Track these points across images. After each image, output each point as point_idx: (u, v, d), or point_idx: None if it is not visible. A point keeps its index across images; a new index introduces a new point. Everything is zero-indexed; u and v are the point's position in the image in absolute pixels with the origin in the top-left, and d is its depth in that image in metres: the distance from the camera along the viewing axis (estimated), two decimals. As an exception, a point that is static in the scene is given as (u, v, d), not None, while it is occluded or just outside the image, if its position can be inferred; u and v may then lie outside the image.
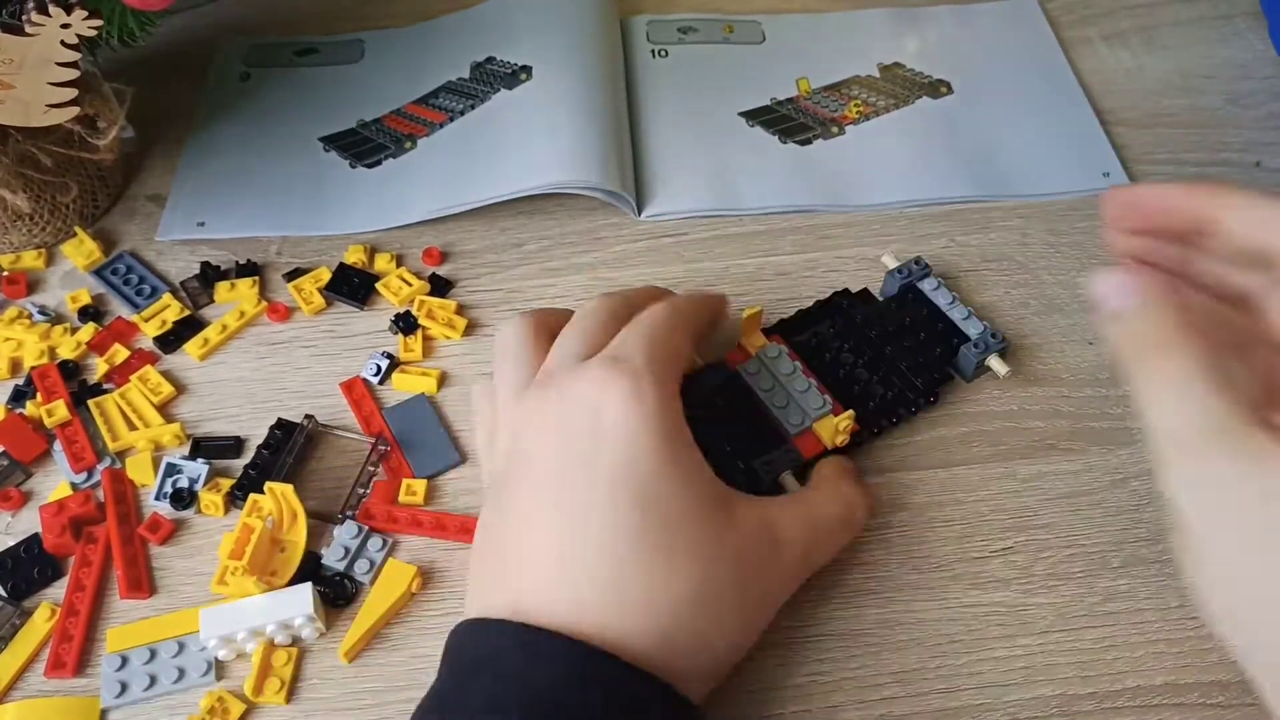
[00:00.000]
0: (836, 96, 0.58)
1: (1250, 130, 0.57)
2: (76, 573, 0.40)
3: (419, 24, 0.62)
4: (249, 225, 0.52)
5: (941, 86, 0.59)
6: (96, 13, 0.45)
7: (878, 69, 0.60)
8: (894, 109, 0.58)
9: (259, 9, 0.64)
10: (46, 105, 0.44)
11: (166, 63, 0.60)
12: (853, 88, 0.59)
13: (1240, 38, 0.62)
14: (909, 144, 0.56)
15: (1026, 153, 0.55)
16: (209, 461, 0.43)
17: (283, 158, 0.55)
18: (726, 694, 0.37)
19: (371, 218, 0.52)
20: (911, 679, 0.37)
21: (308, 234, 0.51)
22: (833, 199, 0.53)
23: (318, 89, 0.59)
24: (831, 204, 0.53)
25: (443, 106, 0.57)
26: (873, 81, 0.59)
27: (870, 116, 0.57)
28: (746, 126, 0.56)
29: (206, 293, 0.49)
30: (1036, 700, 0.37)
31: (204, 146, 0.56)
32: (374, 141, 0.56)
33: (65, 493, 0.42)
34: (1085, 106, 0.57)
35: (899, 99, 0.58)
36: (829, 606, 0.39)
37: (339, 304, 0.49)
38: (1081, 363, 0.46)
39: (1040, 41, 0.61)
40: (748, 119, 0.57)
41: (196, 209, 0.53)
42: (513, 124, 0.54)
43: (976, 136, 0.56)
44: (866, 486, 0.41)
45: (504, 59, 0.58)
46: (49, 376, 0.45)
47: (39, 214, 0.50)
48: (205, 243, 0.51)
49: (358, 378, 0.46)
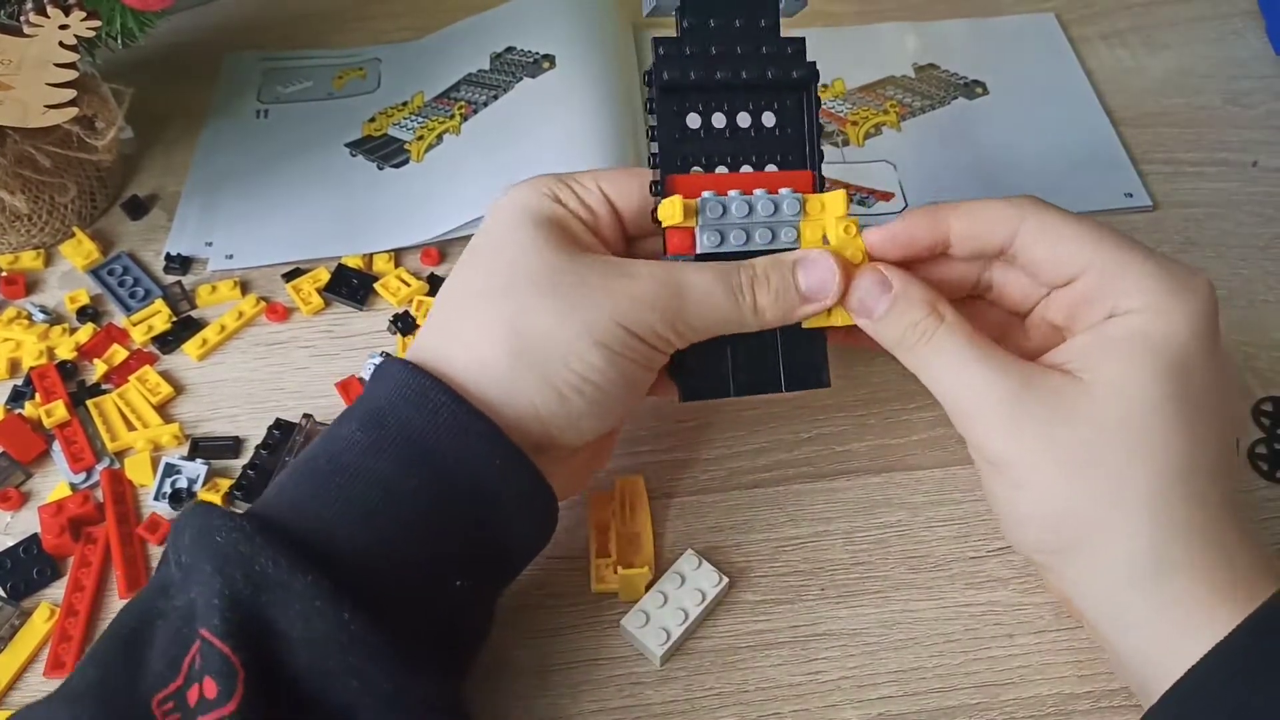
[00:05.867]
0: (873, 97, 0.59)
1: (1248, 129, 0.57)
2: (75, 573, 0.40)
3: (430, 36, 0.62)
4: (278, 253, 0.51)
5: (977, 88, 0.59)
6: (95, 13, 0.45)
7: (913, 68, 0.61)
8: (930, 109, 0.58)
9: (260, 9, 0.65)
10: (45, 106, 0.44)
11: (166, 63, 0.60)
12: (887, 88, 0.59)
13: (1238, 37, 0.62)
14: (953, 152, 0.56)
15: (1049, 171, 0.55)
16: (208, 462, 0.43)
17: (306, 185, 0.54)
18: (726, 694, 0.37)
19: (403, 232, 0.51)
20: (909, 678, 0.37)
21: (338, 254, 0.51)
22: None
23: (337, 115, 0.58)
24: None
25: (465, 98, 0.57)
26: (909, 82, 0.60)
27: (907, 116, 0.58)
28: None
29: (187, 297, 0.49)
30: (1033, 699, 0.37)
31: (216, 176, 0.55)
32: (399, 142, 0.56)
33: (64, 493, 0.42)
34: (1107, 124, 0.57)
35: (936, 100, 0.59)
36: (827, 606, 0.39)
37: (338, 304, 0.49)
38: (1079, 362, 0.46)
39: (1060, 58, 0.61)
40: None
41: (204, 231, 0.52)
42: (540, 114, 0.54)
43: (1000, 153, 0.56)
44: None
45: (525, 48, 0.58)
46: (48, 377, 0.45)
47: (37, 214, 0.50)
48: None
49: (354, 377, 0.46)
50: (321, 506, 0.31)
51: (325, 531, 0.31)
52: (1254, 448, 0.44)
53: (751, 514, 0.42)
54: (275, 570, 0.29)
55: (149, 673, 0.29)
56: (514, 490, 0.33)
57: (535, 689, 0.37)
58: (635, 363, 0.34)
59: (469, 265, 0.36)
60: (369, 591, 0.30)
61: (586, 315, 0.33)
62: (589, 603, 0.39)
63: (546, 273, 0.34)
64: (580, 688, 0.37)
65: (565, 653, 0.38)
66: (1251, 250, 0.51)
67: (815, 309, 0.35)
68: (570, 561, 0.40)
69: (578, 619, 0.39)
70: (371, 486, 0.31)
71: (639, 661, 0.38)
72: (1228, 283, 0.50)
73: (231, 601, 0.29)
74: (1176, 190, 0.54)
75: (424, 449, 0.32)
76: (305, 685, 0.29)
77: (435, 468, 0.32)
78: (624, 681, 0.37)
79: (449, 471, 0.32)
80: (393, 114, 0.57)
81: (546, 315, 0.33)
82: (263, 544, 0.29)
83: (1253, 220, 0.53)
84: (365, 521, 0.31)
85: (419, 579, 0.32)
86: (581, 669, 0.38)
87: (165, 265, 0.50)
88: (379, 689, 0.29)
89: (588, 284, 0.34)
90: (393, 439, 0.32)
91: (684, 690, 0.37)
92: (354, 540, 0.31)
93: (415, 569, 0.32)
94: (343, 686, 0.29)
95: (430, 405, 0.32)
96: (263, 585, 0.29)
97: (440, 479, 0.32)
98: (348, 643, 0.29)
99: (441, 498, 0.32)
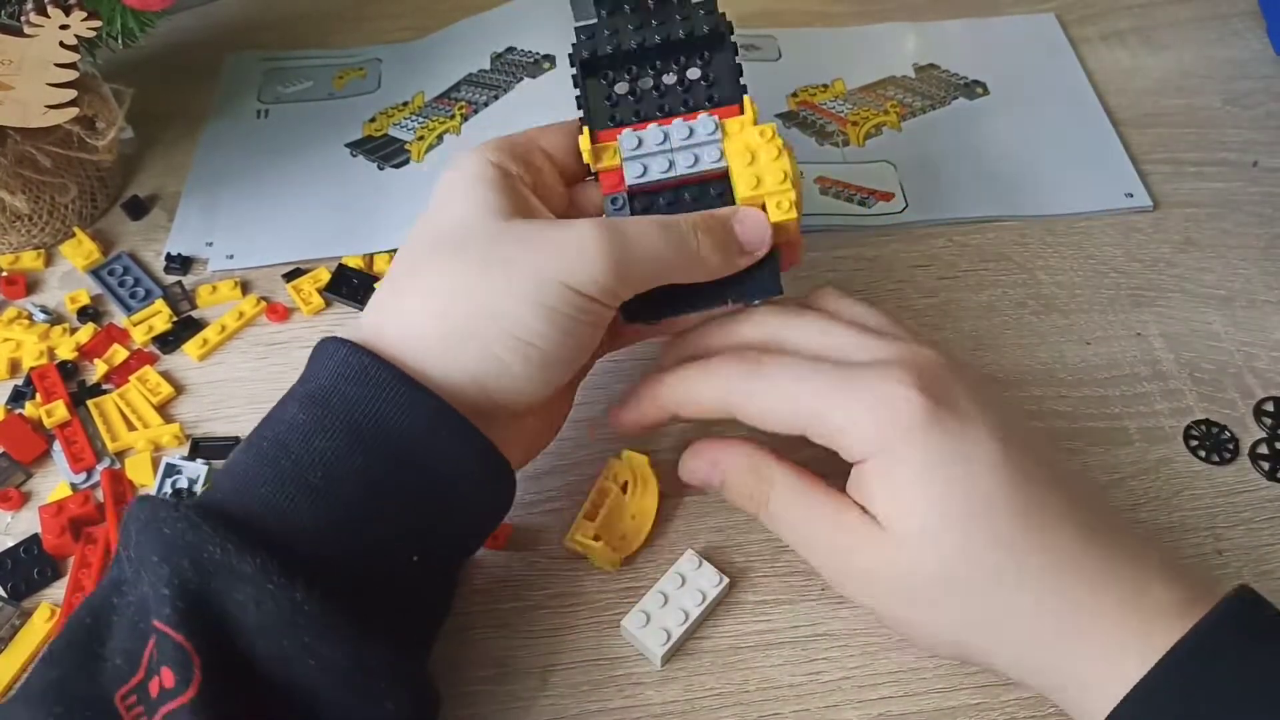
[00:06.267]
0: (873, 97, 0.59)
1: (1248, 130, 0.57)
2: (76, 573, 0.40)
3: (431, 36, 0.62)
4: (278, 253, 0.51)
5: (977, 88, 0.59)
6: (95, 13, 0.45)
7: (913, 69, 0.61)
8: (930, 109, 0.58)
9: (260, 9, 0.65)
10: (45, 106, 0.44)
11: (166, 63, 0.60)
12: (888, 88, 0.59)
13: (1238, 37, 0.62)
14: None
15: (1050, 171, 0.55)
16: (208, 462, 0.43)
17: (307, 185, 0.54)
18: (727, 694, 0.37)
19: (403, 232, 0.50)
20: (909, 678, 0.37)
21: (339, 254, 0.51)
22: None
23: (338, 115, 0.58)
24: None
25: (465, 99, 0.57)
26: (909, 82, 0.60)
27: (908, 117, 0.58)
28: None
29: (187, 297, 0.49)
30: (1034, 700, 0.37)
31: (217, 176, 0.55)
32: (400, 142, 0.56)
33: (65, 493, 0.42)
34: (1107, 125, 0.57)
35: (936, 100, 0.59)
36: (828, 606, 0.39)
37: (338, 304, 0.49)
38: (1079, 363, 0.47)
39: (1060, 58, 0.61)
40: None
41: (205, 231, 0.52)
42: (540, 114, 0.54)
43: (1001, 153, 0.56)
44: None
45: (525, 48, 0.58)
46: (48, 377, 0.45)
47: (38, 214, 0.50)
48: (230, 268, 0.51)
49: (357, 378, 0.46)
50: (267, 489, 0.31)
51: (273, 514, 0.31)
52: (1254, 448, 0.44)
53: (751, 514, 0.41)
54: (224, 555, 0.29)
55: (108, 668, 0.29)
56: (464, 461, 0.33)
57: (535, 689, 0.37)
58: (580, 321, 0.34)
59: (416, 238, 0.36)
60: (320, 571, 0.30)
61: (529, 277, 0.33)
62: (589, 603, 0.39)
63: (487, 239, 0.34)
64: (580, 688, 0.37)
65: (565, 653, 0.38)
66: (1251, 250, 0.51)
67: (749, 261, 0.37)
68: (571, 562, 0.40)
69: (578, 619, 0.39)
70: (316, 466, 0.31)
71: (639, 662, 0.38)
72: (1228, 283, 0.50)
73: (181, 590, 0.29)
74: (1177, 190, 0.54)
75: (367, 426, 0.32)
76: (263, 667, 0.29)
77: (380, 444, 0.32)
78: (624, 682, 0.37)
79: (394, 447, 0.32)
80: (393, 114, 0.57)
81: (486, 282, 0.33)
82: (209, 531, 0.29)
83: (1253, 220, 0.53)
84: (312, 501, 0.31)
85: (371, 557, 0.32)
86: (581, 669, 0.38)
87: (166, 265, 0.50)
88: (336, 666, 0.29)
89: (529, 242, 0.34)
90: (336, 418, 0.32)
91: (684, 690, 0.37)
92: (301, 520, 0.31)
93: (366, 546, 0.32)
94: (300, 666, 0.29)
95: (371, 380, 0.32)
96: (212, 571, 0.29)
97: (386, 455, 0.32)
98: (302, 623, 0.29)
99: (389, 474, 0.32)
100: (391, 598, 0.32)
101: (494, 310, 0.33)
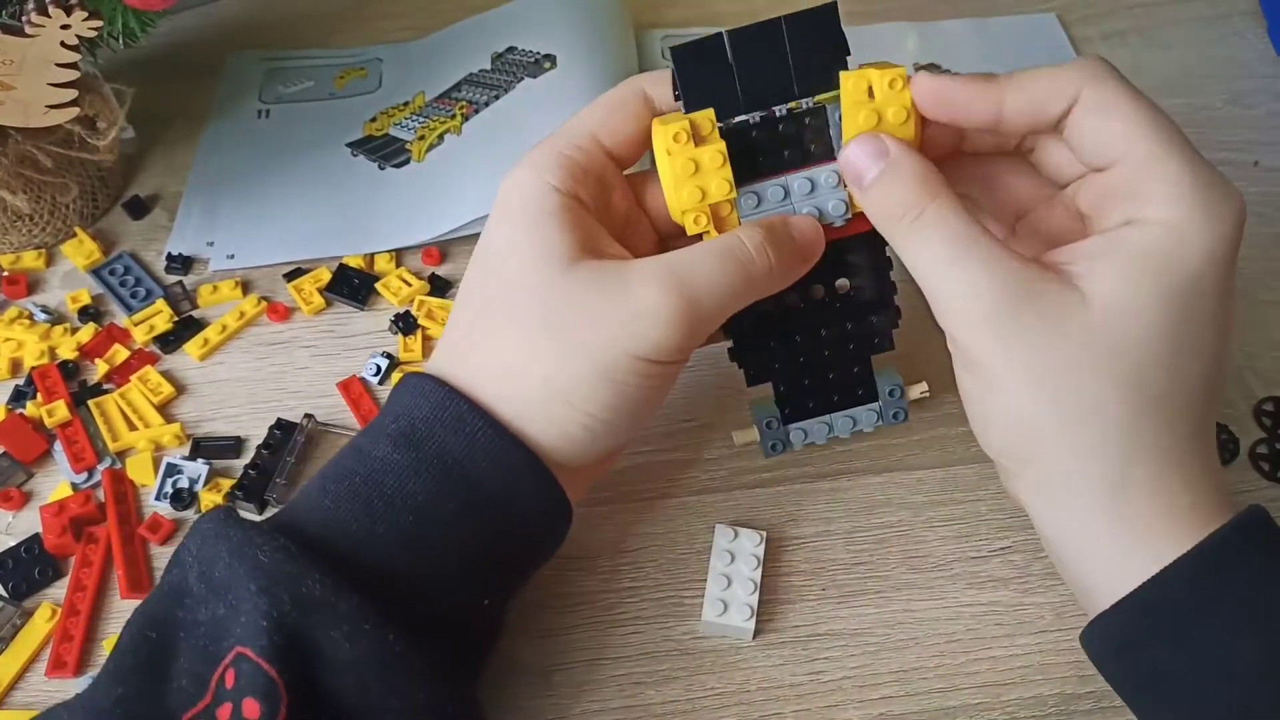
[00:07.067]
0: None
1: (1249, 129, 0.57)
2: (77, 573, 0.40)
3: (431, 36, 0.62)
4: (279, 253, 0.51)
5: None
6: (96, 13, 0.45)
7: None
8: None
9: (261, 9, 0.65)
10: (46, 106, 0.44)
11: (166, 63, 0.60)
12: None
13: (1239, 37, 0.62)
14: None
15: None
16: (209, 462, 0.43)
17: (307, 185, 0.54)
18: (728, 694, 0.37)
19: (404, 232, 0.51)
20: (910, 678, 0.37)
21: (340, 254, 0.51)
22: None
23: (338, 115, 0.58)
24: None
25: (466, 98, 0.57)
26: None
27: None
28: None
29: (188, 297, 0.49)
30: (1034, 699, 0.37)
31: (217, 176, 0.54)
32: (400, 142, 0.56)
33: (65, 493, 0.42)
34: None
35: None
36: (828, 606, 0.39)
37: (339, 304, 0.49)
38: (1080, 362, 0.46)
39: (1062, 58, 0.60)
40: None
41: (205, 231, 0.52)
42: (541, 114, 0.54)
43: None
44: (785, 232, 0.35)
45: (526, 48, 0.58)
46: (49, 376, 0.45)
47: (39, 214, 0.50)
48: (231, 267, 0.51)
49: (354, 377, 0.46)
50: (360, 528, 0.31)
51: (366, 553, 0.31)
52: (1254, 448, 0.44)
53: (753, 514, 0.42)
54: (322, 591, 0.29)
55: (174, 689, 0.29)
56: (544, 513, 0.34)
57: (538, 688, 0.37)
58: (649, 386, 0.33)
59: (479, 279, 0.35)
60: (408, 613, 0.30)
61: (595, 355, 0.32)
62: (590, 603, 0.39)
63: (549, 296, 0.33)
64: (582, 688, 0.37)
65: (568, 652, 0.38)
66: (1251, 250, 0.51)
67: (809, 266, 0.35)
68: (574, 562, 0.40)
69: (581, 619, 0.39)
70: (409, 510, 0.32)
71: (640, 661, 0.38)
72: (1229, 283, 0.50)
73: (278, 623, 0.29)
74: (1177, 190, 0.54)
75: (461, 475, 0.32)
76: (345, 704, 0.29)
77: (472, 493, 0.32)
78: (625, 681, 0.37)
79: (486, 498, 0.33)
80: (394, 114, 0.57)
81: (550, 352, 0.33)
82: (308, 565, 0.29)
83: (1253, 220, 0.52)
84: (404, 544, 0.32)
85: (453, 600, 0.32)
86: (583, 669, 0.38)
87: (166, 265, 0.50)
88: (416, 706, 0.30)
89: (592, 311, 0.32)
90: (430, 463, 0.32)
91: (685, 690, 0.37)
92: (393, 562, 0.31)
93: (451, 591, 0.32)
94: (382, 705, 0.29)
95: (467, 430, 0.33)
96: (309, 607, 0.29)
97: (477, 505, 0.32)
98: (391, 663, 0.29)
99: (478, 523, 0.33)
100: (463, 636, 0.33)
101: (559, 388, 0.33)
